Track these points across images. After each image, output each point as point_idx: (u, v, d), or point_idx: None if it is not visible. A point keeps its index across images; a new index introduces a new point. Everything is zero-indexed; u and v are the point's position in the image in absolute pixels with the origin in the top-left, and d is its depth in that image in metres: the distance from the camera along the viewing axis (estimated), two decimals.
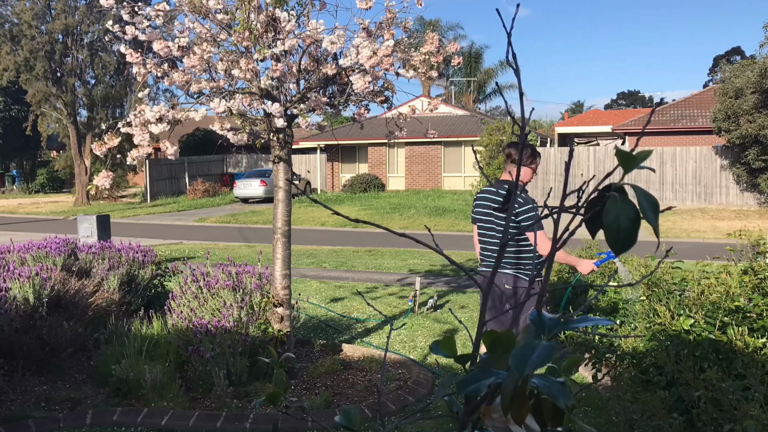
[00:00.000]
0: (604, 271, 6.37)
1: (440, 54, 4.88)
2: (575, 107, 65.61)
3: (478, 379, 0.78)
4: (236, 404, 4.57)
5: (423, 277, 9.62)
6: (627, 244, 0.74)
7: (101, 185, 4.67)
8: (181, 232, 18.29)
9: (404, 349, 6.10)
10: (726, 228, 14.63)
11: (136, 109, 4.61)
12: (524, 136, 0.90)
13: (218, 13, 4.63)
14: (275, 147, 5.00)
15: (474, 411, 0.83)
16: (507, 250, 3.69)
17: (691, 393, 2.97)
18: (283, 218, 5.07)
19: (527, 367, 0.70)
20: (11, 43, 26.88)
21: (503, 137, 23.93)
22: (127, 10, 4.54)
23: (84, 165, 28.40)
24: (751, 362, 3.03)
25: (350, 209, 22.26)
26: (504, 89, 37.89)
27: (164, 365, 4.75)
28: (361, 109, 5.17)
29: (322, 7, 4.90)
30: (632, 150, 0.75)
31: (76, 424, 4.30)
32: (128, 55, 4.65)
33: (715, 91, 20.76)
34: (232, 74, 4.57)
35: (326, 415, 4.28)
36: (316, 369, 5.28)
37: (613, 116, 35.98)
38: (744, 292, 3.56)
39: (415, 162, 29.12)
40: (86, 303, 5.55)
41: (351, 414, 1.02)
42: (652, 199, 0.73)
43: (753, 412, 2.54)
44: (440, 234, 16.77)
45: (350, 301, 8.23)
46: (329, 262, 11.93)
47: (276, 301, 5.08)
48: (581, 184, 0.86)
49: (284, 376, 1.23)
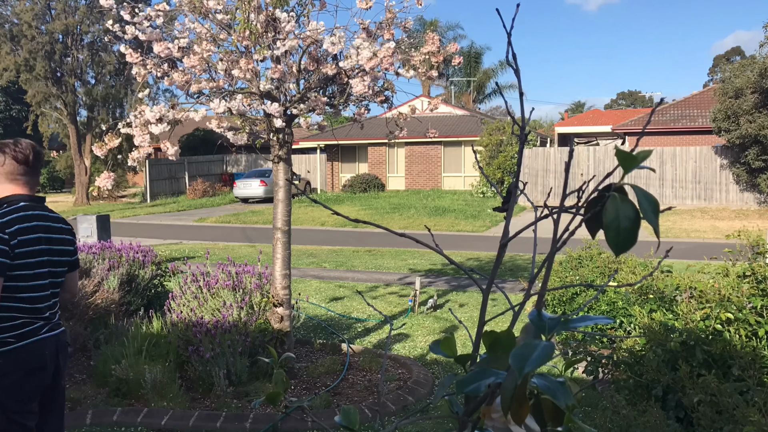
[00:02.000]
0: (604, 270, 6.37)
1: (440, 54, 4.88)
2: (575, 107, 65.63)
3: (478, 379, 0.78)
4: (236, 404, 4.58)
5: (423, 276, 9.62)
6: (627, 244, 0.74)
7: (103, 186, 4.67)
8: (181, 232, 18.29)
9: (404, 349, 6.11)
10: (726, 228, 14.65)
11: (136, 110, 4.62)
12: (524, 135, 0.90)
13: (218, 13, 4.63)
14: (275, 147, 5.01)
15: (474, 411, 0.83)
16: None
17: (691, 399, 2.97)
18: (283, 218, 5.07)
19: (527, 366, 0.70)
20: (11, 43, 26.89)
21: (503, 137, 23.95)
22: (127, 10, 4.54)
23: (84, 165, 28.40)
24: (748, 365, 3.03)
25: (350, 209, 22.26)
26: (504, 89, 37.91)
27: (164, 365, 4.75)
28: (361, 109, 5.17)
29: (322, 7, 4.91)
30: (632, 150, 0.75)
31: (76, 424, 4.30)
32: (128, 55, 4.65)
33: (715, 91, 20.75)
34: (232, 74, 4.58)
35: (326, 415, 4.28)
36: (316, 369, 5.28)
37: (613, 116, 35.98)
38: (740, 297, 3.55)
39: (415, 162, 29.12)
40: (86, 303, 5.55)
41: (351, 414, 1.02)
42: (652, 199, 0.73)
43: (753, 417, 2.54)
44: (440, 234, 16.78)
45: (350, 300, 8.23)
46: (329, 262, 11.93)
47: (276, 301, 5.08)
48: (581, 184, 0.86)
49: (284, 376, 1.23)
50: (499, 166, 23.42)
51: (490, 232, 17.46)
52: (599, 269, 6.38)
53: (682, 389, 3.12)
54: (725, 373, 3.19)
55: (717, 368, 3.20)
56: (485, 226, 18.17)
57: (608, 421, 3.06)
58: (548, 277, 0.86)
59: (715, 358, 3.26)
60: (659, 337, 3.41)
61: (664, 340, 3.37)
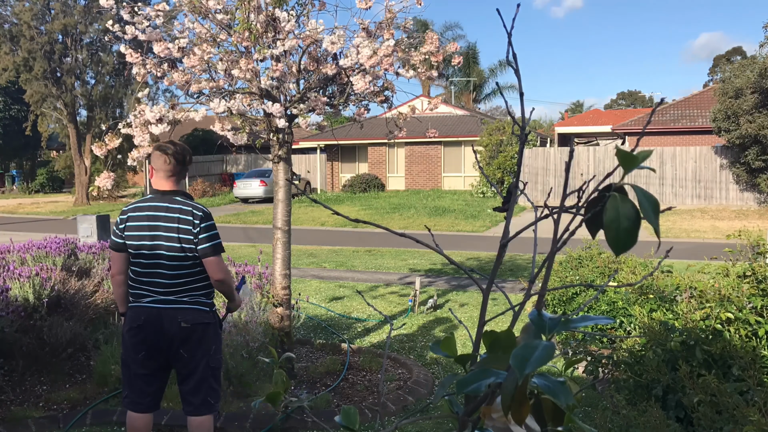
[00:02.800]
0: (604, 270, 6.37)
1: (440, 54, 4.88)
2: (575, 107, 65.60)
3: (478, 378, 0.78)
4: (236, 404, 4.57)
5: (423, 276, 9.62)
6: (627, 244, 0.74)
7: (103, 186, 4.67)
8: None
9: (404, 349, 6.11)
10: (726, 228, 14.65)
11: (136, 110, 4.61)
12: (524, 135, 0.90)
13: (218, 13, 4.63)
14: (275, 147, 5.00)
15: (474, 411, 0.83)
16: None
17: (691, 399, 2.96)
18: (283, 218, 5.07)
19: (528, 366, 0.70)
20: (11, 43, 26.87)
21: (503, 137, 23.94)
22: (127, 11, 4.54)
23: (84, 165, 28.38)
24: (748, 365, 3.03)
25: (350, 209, 22.26)
26: (504, 89, 37.90)
27: None
28: (361, 108, 5.17)
29: (322, 7, 4.90)
30: (632, 150, 0.75)
31: (75, 423, 4.30)
32: (128, 56, 4.65)
33: (715, 91, 20.75)
34: (232, 74, 4.57)
35: (326, 415, 4.28)
36: (316, 369, 5.28)
37: (613, 116, 35.97)
38: (740, 297, 3.55)
39: (415, 162, 29.11)
40: (86, 303, 5.55)
41: (351, 414, 1.02)
42: (652, 199, 0.73)
43: (752, 417, 2.54)
44: (440, 234, 16.78)
45: (350, 300, 8.23)
46: (329, 262, 11.93)
47: (276, 301, 5.08)
48: (581, 184, 0.86)
49: (284, 376, 1.23)
50: (499, 166, 23.42)
51: (490, 232, 17.47)
52: (599, 269, 6.38)
53: (682, 389, 3.12)
54: (725, 373, 3.19)
55: (717, 368, 3.20)
56: (485, 226, 18.17)
57: (608, 421, 3.06)
58: (548, 277, 0.86)
59: (715, 358, 3.26)
60: (659, 336, 3.41)
61: (664, 340, 3.37)
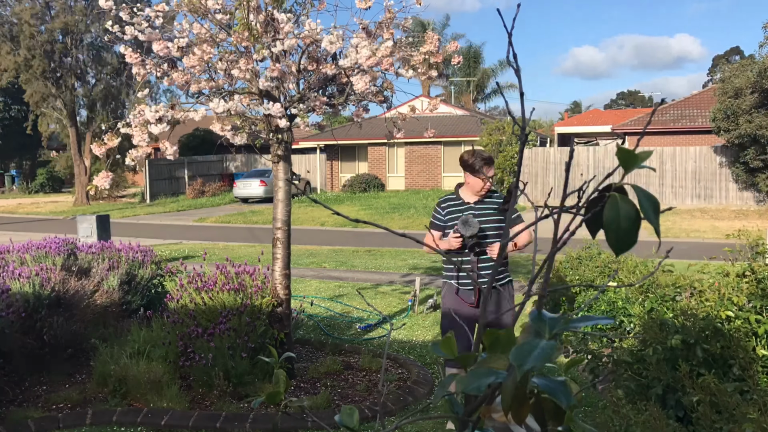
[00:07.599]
0: (604, 270, 6.37)
1: (440, 54, 4.88)
2: (575, 107, 65.61)
3: (479, 378, 0.78)
4: (236, 404, 4.57)
5: (423, 276, 9.62)
6: (627, 244, 0.73)
7: (101, 185, 4.67)
8: (181, 232, 18.29)
9: (404, 349, 6.10)
10: (725, 228, 14.63)
11: (136, 110, 4.61)
12: (525, 136, 0.90)
13: (217, 14, 4.63)
14: (275, 146, 5.00)
15: (474, 411, 0.83)
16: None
17: (690, 398, 2.97)
18: (283, 218, 5.07)
19: (528, 363, 0.69)
20: (11, 43, 26.85)
21: (503, 137, 23.93)
22: (126, 12, 4.54)
23: (84, 165, 28.37)
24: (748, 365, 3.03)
25: (350, 209, 22.26)
26: (504, 89, 37.88)
27: (164, 365, 4.75)
28: (360, 109, 5.16)
29: (322, 7, 4.90)
30: (633, 150, 0.75)
31: (76, 423, 4.30)
32: (128, 56, 4.64)
33: (714, 91, 20.75)
34: (232, 74, 4.57)
35: (326, 415, 4.28)
36: (316, 369, 5.28)
37: (613, 116, 35.97)
38: (739, 296, 3.55)
39: (415, 162, 29.11)
40: (86, 303, 5.55)
41: (351, 414, 1.02)
42: (652, 199, 0.73)
43: (752, 416, 2.54)
44: None
45: (350, 300, 8.22)
46: (329, 261, 11.92)
47: (276, 301, 5.08)
48: (581, 184, 0.86)
49: (284, 376, 1.23)
50: (498, 166, 23.40)
51: None
52: (599, 269, 6.38)
53: (681, 388, 3.12)
54: (725, 372, 3.19)
55: (717, 367, 3.20)
56: None
57: (608, 420, 3.06)
58: (549, 276, 0.86)
59: (715, 357, 3.26)
60: (659, 336, 3.41)
61: (663, 338, 3.37)
